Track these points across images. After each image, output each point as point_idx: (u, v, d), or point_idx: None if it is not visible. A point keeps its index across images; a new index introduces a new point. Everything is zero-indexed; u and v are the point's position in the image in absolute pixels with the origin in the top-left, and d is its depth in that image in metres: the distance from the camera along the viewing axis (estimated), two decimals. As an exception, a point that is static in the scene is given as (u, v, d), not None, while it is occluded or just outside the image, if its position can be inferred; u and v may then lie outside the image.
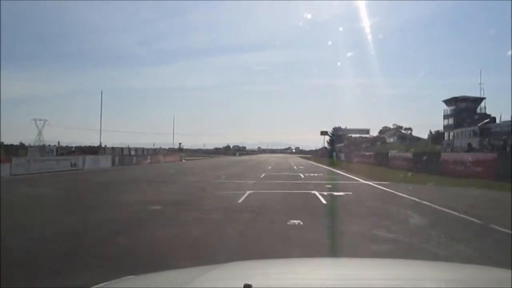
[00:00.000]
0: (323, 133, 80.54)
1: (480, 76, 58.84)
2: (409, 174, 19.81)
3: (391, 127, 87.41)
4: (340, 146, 76.86)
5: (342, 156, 53.23)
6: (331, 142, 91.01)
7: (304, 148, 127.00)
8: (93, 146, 38.27)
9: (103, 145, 38.68)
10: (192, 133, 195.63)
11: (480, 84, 53.23)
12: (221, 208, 9.83)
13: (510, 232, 6.77)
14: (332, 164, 37.59)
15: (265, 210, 9.60)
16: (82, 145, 43.62)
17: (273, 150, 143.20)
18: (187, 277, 1.67)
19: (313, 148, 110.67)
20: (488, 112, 50.81)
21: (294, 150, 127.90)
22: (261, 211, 9.32)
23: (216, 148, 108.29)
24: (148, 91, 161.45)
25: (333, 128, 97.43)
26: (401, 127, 79.16)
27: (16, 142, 45.56)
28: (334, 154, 55.63)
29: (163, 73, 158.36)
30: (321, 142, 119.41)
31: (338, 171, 26.90)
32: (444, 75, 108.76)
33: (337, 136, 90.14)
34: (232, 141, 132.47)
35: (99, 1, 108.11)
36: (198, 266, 1.94)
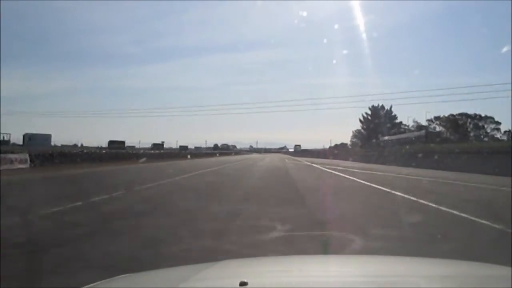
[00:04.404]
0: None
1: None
2: None
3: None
4: (389, 141, 45.82)
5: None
6: (369, 129, 55.59)
7: (302, 148, 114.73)
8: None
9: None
10: (185, 132, 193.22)
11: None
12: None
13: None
14: None
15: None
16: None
17: (268, 149, 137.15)
18: (181, 275, 1.66)
19: (311, 148, 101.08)
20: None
21: (293, 150, 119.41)
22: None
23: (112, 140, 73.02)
24: (142, 90, 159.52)
25: (372, 107, 59.89)
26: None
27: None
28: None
29: (157, 72, 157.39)
30: (321, 142, 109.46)
31: None
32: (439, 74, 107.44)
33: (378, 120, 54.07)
34: (226, 140, 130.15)
35: (95, 1, 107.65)
36: (192, 265, 1.93)
